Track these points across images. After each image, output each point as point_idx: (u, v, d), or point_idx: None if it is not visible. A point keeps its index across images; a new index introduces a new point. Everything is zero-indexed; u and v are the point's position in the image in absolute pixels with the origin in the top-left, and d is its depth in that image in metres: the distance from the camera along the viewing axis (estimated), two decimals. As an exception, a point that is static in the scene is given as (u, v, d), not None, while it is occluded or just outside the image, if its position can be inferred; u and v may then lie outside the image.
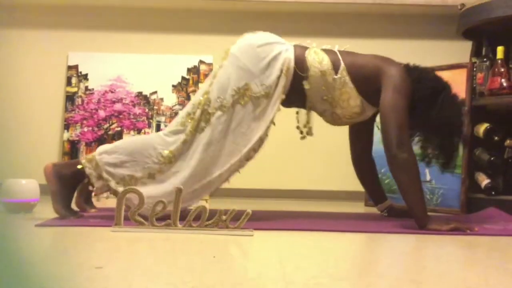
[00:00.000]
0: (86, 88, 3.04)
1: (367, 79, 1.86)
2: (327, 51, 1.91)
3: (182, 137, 1.84)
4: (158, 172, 1.82)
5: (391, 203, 2.16)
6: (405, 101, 1.81)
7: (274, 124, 1.89)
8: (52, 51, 3.07)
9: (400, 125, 1.76)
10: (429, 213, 1.78)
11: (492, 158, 2.39)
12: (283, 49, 1.87)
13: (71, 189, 1.82)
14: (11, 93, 3.01)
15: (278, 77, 1.84)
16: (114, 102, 3.04)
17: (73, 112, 3.02)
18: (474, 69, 2.47)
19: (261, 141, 1.87)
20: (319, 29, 1.98)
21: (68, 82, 3.05)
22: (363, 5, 2.97)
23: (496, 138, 2.39)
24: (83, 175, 1.81)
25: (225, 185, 3.01)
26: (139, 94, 3.05)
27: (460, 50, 2.81)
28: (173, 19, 3.05)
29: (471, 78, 2.45)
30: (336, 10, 3.05)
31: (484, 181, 2.40)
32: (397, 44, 3.09)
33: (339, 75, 1.85)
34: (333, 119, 1.98)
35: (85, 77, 3.06)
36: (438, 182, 2.49)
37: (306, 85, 1.87)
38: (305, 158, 3.06)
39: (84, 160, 1.82)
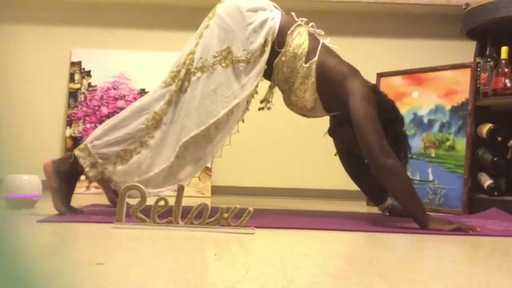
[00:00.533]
0: (89, 85, 3.05)
1: (329, 82, 1.85)
2: (312, 38, 1.90)
3: (166, 97, 1.83)
4: (148, 137, 1.81)
5: (392, 202, 2.16)
6: (375, 110, 1.81)
7: (257, 93, 1.89)
8: (56, 47, 3.07)
9: (378, 132, 1.75)
10: (431, 213, 1.77)
11: (495, 159, 2.38)
12: (269, 16, 1.86)
13: (71, 185, 1.81)
14: (14, 89, 3.01)
15: (262, 45, 1.83)
16: (117, 99, 3.04)
17: (76, 108, 3.02)
18: (478, 69, 2.46)
19: (238, 107, 1.83)
20: (321, 27, 1.98)
21: (71, 79, 3.05)
22: (366, 4, 2.97)
23: (499, 138, 2.38)
24: (80, 168, 1.79)
25: (227, 183, 3.02)
26: (142, 91, 3.04)
27: (464, 50, 2.80)
28: (176, 16, 3.05)
29: (475, 78, 2.44)
30: (339, 8, 3.05)
31: (486, 181, 2.39)
32: (400, 43, 3.09)
33: (307, 65, 1.85)
34: (288, 103, 1.99)
35: (88, 73, 3.06)
36: (441, 182, 2.48)
37: (283, 57, 1.86)
38: (307, 157, 3.05)
39: (76, 151, 1.80)
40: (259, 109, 2.00)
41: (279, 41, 1.86)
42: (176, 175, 1.85)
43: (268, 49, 1.84)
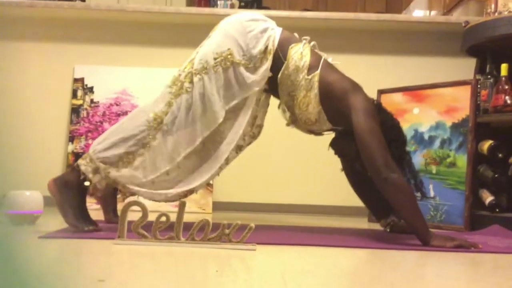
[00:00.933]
0: (92, 101, 3.06)
1: (331, 96, 1.87)
2: (314, 53, 1.93)
3: (166, 99, 1.85)
4: (150, 138, 1.81)
5: (394, 218, 2.15)
6: (378, 125, 1.82)
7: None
8: (59, 63, 3.09)
9: (382, 147, 1.76)
10: (432, 230, 1.77)
11: (496, 175, 2.38)
12: (269, 26, 1.92)
13: (79, 196, 1.77)
14: (17, 105, 3.03)
15: (263, 52, 1.87)
16: (119, 115, 3.05)
17: (78, 124, 3.03)
18: (478, 86, 2.47)
19: (243, 115, 1.87)
20: (323, 45, 2.00)
21: (74, 95, 3.07)
22: (368, 22, 2.99)
23: (500, 155, 2.39)
24: (83, 175, 1.77)
25: (228, 199, 3.02)
26: (144, 107, 3.06)
27: (464, 67, 2.81)
28: (178, 34, 3.08)
29: (475, 95, 2.45)
30: (340, 26, 3.07)
31: (488, 198, 2.39)
32: (401, 60, 3.10)
33: (309, 77, 1.86)
34: (293, 118, 2.00)
35: (91, 90, 3.07)
36: (442, 199, 2.48)
37: (285, 71, 1.88)
38: (309, 173, 3.05)
39: (79, 160, 1.80)
40: (287, 124, 2.04)
41: (283, 52, 1.89)
42: (185, 178, 1.84)
43: (270, 57, 1.87)
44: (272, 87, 1.94)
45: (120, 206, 1.79)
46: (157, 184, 1.81)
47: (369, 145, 1.75)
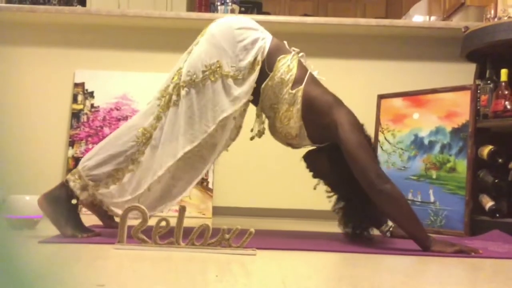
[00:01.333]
0: (92, 106, 3.06)
1: (314, 111, 1.85)
2: (301, 66, 1.89)
3: (155, 112, 1.82)
4: (139, 154, 1.78)
5: (392, 224, 2.15)
6: (364, 137, 1.84)
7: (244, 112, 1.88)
8: (59, 68, 3.10)
9: (372, 159, 1.77)
10: (432, 235, 1.77)
11: (496, 180, 2.38)
12: (260, 36, 1.88)
13: (70, 209, 1.76)
14: (17, 110, 3.03)
15: (251, 64, 1.84)
16: (119, 120, 3.05)
17: (78, 129, 3.04)
18: (478, 91, 2.48)
19: (227, 124, 1.81)
20: (323, 50, 2.00)
21: (74, 100, 3.07)
22: (368, 27, 3.00)
23: (500, 160, 2.39)
24: (70, 191, 1.75)
25: (228, 204, 3.01)
26: (144, 112, 3.06)
27: (464, 72, 2.82)
28: (178, 38, 3.08)
29: (475, 100, 2.46)
30: (339, 31, 3.08)
31: (488, 203, 2.39)
32: (401, 65, 3.11)
33: (293, 91, 1.84)
34: (273, 130, 1.97)
35: (91, 94, 3.08)
36: (442, 204, 2.48)
37: (270, 82, 1.85)
38: (309, 178, 3.05)
39: (69, 175, 1.78)
40: (251, 138, 1.97)
41: (269, 63, 1.86)
42: (169, 193, 1.81)
43: (258, 68, 1.84)
44: (253, 95, 1.90)
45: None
46: (143, 200, 1.77)
47: (359, 159, 1.75)
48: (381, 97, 2.79)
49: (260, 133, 1.98)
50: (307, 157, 2.05)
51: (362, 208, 1.91)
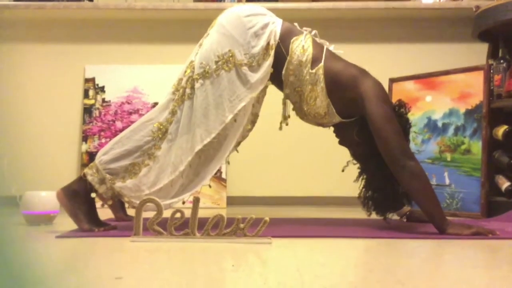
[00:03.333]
0: (103, 100, 3.08)
1: (339, 86, 1.83)
2: (316, 44, 1.88)
3: (170, 107, 1.83)
4: (155, 149, 1.79)
5: (411, 208, 2.14)
6: (392, 110, 1.81)
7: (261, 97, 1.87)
8: (69, 64, 3.11)
9: (398, 133, 1.74)
10: (449, 218, 1.76)
11: (511, 161, 2.36)
12: (270, 21, 1.87)
13: (88, 203, 1.77)
14: (30, 106, 3.06)
15: (265, 49, 1.83)
16: (131, 113, 3.06)
17: (91, 124, 3.05)
18: (491, 71, 2.44)
19: (244, 112, 1.82)
20: (333, 35, 1.98)
21: (86, 95, 3.09)
22: (377, 10, 2.97)
23: (515, 140, 2.36)
24: (89, 185, 1.76)
25: (242, 193, 3.02)
26: (155, 104, 3.06)
27: (476, 53, 2.78)
28: (186, 30, 3.08)
29: (488, 80, 2.42)
30: (350, 15, 3.05)
31: (504, 184, 2.36)
32: (412, 48, 3.08)
33: (314, 71, 1.83)
34: (301, 115, 1.96)
35: (102, 89, 3.09)
36: (458, 186, 2.46)
37: (290, 66, 1.85)
38: (322, 164, 3.05)
39: (86, 169, 1.78)
40: (280, 128, 1.97)
41: (284, 46, 1.86)
42: (188, 185, 1.83)
43: (272, 53, 1.83)
44: (275, 82, 1.90)
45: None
46: (161, 194, 1.78)
47: (385, 133, 1.73)
48: (392, 80, 2.76)
49: (286, 119, 1.98)
50: (336, 133, 2.03)
51: (385, 185, 1.88)
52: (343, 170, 1.99)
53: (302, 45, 1.85)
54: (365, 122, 1.83)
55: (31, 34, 3.12)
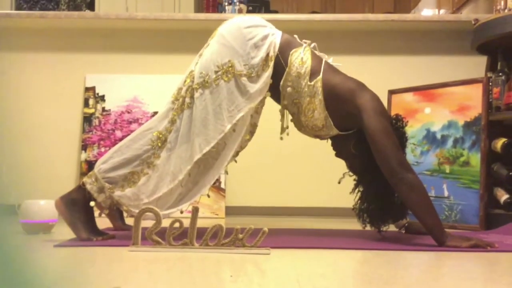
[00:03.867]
0: (103, 109, 3.08)
1: (337, 98, 1.84)
2: (315, 57, 1.89)
3: (169, 116, 1.83)
4: (154, 158, 1.79)
5: (409, 220, 2.14)
6: (389, 123, 1.82)
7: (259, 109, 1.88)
8: (70, 73, 3.12)
9: (396, 147, 1.75)
10: (447, 230, 1.76)
11: (510, 173, 2.36)
12: (270, 32, 1.88)
13: (87, 212, 1.77)
14: (30, 115, 3.06)
15: (264, 60, 1.84)
16: (130, 123, 3.07)
17: (91, 133, 3.06)
18: (490, 83, 2.46)
19: (242, 122, 1.82)
20: (332, 47, 2.00)
21: (86, 104, 3.10)
22: (377, 22, 2.98)
23: (514, 152, 2.36)
24: (88, 194, 1.76)
25: (241, 203, 3.02)
26: (155, 113, 3.07)
27: (475, 65, 2.79)
28: (187, 40, 3.09)
29: (487, 92, 2.43)
30: (349, 27, 3.07)
31: (503, 196, 2.36)
32: (411, 60, 3.09)
33: (312, 83, 1.84)
34: (299, 126, 1.97)
35: (102, 98, 3.10)
36: (457, 198, 2.46)
37: (288, 77, 1.85)
38: (321, 175, 3.05)
39: (85, 178, 1.78)
40: (281, 138, 1.98)
41: (283, 58, 1.86)
42: (186, 195, 1.82)
43: (272, 64, 1.84)
44: (273, 94, 1.91)
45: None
46: (160, 203, 1.78)
47: (383, 145, 1.74)
48: (391, 92, 2.77)
49: (284, 130, 1.99)
50: (333, 145, 2.04)
51: (381, 197, 1.88)
52: (339, 182, 1.99)
53: (301, 57, 1.86)
54: (362, 135, 1.84)
55: (32, 42, 3.13)
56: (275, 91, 1.90)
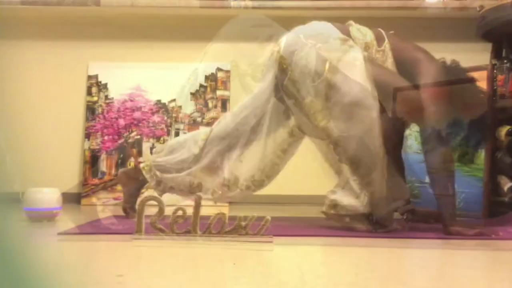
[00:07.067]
0: (106, 98, 3.08)
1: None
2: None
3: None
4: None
5: (413, 206, 2.12)
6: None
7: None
8: (73, 61, 3.11)
9: (444, 117, 1.77)
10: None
11: (514, 161, 2.35)
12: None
13: (137, 192, 2.01)
14: (33, 104, 3.06)
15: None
16: (133, 111, 3.06)
17: (94, 121, 3.06)
18: (495, 71, 2.44)
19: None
20: (336, 34, 1.99)
21: (89, 92, 3.09)
22: (380, 9, 2.96)
23: (518, 140, 2.35)
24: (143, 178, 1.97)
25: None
26: (158, 102, 3.07)
27: (479, 52, 2.77)
28: (190, 28, 3.08)
29: (491, 80, 2.42)
30: (353, 15, 3.04)
31: (506, 184, 2.36)
32: (415, 47, 3.07)
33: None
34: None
35: (105, 86, 3.09)
36: (460, 186, 2.45)
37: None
38: (325, 163, 3.04)
39: (143, 164, 2.02)
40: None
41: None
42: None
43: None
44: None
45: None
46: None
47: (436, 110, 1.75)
48: (395, 80, 2.75)
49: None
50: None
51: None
52: None
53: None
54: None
55: (35, 31, 3.12)
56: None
